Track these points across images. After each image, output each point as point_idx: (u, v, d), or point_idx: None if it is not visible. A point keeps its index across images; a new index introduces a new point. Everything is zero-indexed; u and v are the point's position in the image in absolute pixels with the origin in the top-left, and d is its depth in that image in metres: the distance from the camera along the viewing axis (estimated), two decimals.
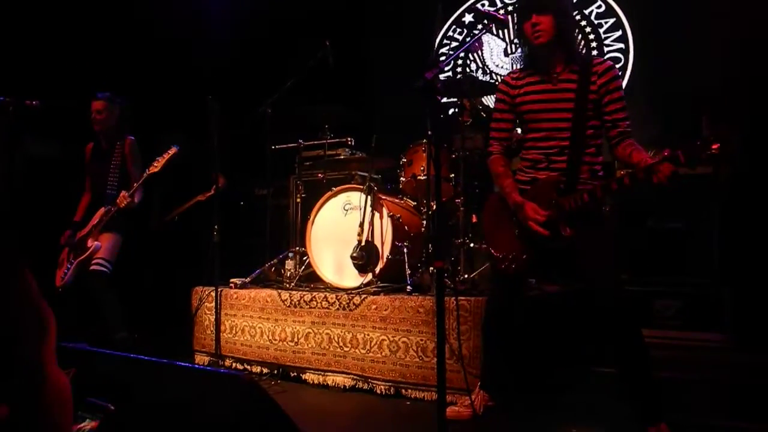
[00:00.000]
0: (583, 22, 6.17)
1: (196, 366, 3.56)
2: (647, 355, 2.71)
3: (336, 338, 3.92)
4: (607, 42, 6.09)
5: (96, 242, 4.40)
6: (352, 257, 4.17)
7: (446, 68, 6.52)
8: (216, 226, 4.26)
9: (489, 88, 4.83)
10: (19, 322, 0.65)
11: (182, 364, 2.00)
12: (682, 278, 4.48)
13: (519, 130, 3.27)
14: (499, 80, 3.19)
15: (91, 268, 4.40)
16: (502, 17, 3.03)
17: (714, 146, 2.38)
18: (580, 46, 6.06)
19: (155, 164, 4.51)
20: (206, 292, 4.54)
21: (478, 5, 6.69)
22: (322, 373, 3.97)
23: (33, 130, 5.15)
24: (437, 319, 2.23)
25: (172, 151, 4.58)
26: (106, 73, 5.83)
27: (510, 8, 6.41)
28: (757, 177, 4.68)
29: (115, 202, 4.44)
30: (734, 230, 4.54)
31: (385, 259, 4.21)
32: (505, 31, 6.48)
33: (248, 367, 4.33)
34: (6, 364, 0.63)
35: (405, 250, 4.20)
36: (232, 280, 4.62)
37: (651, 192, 4.57)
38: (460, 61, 6.74)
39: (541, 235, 2.82)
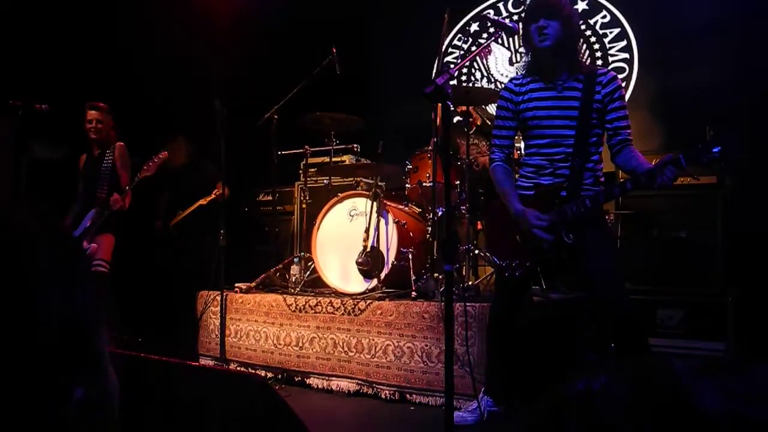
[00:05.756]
0: (588, 32, 6.21)
1: (207, 366, 3.58)
2: None
3: (341, 343, 3.93)
4: (611, 52, 6.13)
5: (92, 244, 4.49)
6: (357, 263, 4.19)
7: (455, 74, 6.57)
8: (222, 231, 4.28)
9: (494, 97, 4.86)
10: (92, 310, 0.73)
11: (193, 363, 2.01)
12: (685, 287, 4.49)
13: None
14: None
15: (92, 269, 4.46)
16: (511, 25, 3.05)
17: (715, 149, 2.42)
18: (584, 57, 6.09)
19: (146, 168, 4.67)
20: (212, 296, 4.56)
21: (484, 14, 6.73)
22: (327, 378, 3.98)
23: (40, 133, 5.20)
24: (445, 323, 2.25)
25: (163, 155, 4.73)
26: (112, 77, 5.87)
27: (516, 17, 6.44)
28: (762, 186, 4.70)
29: (107, 205, 4.57)
30: (738, 240, 4.56)
31: (390, 265, 4.23)
32: (511, 40, 6.52)
33: (253, 371, 4.34)
34: (81, 349, 0.71)
35: (410, 256, 4.22)
36: (237, 284, 4.64)
37: (656, 201, 4.62)
38: (465, 70, 6.78)
39: (544, 241, 2.83)
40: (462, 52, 6.82)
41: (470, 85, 6.58)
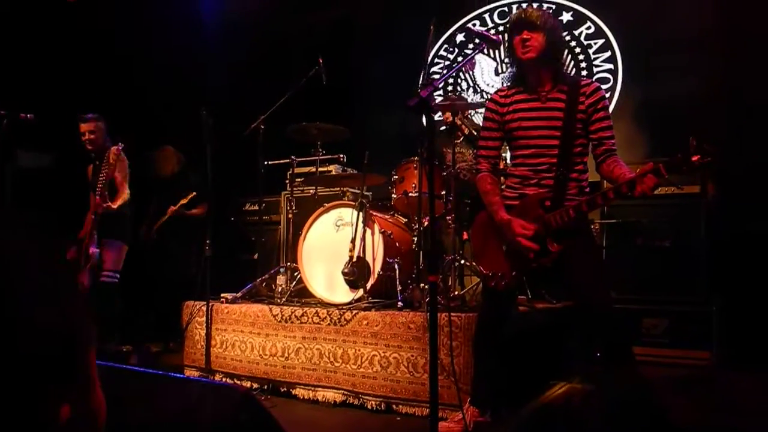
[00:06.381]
0: (573, 43, 6.26)
1: (192, 377, 3.55)
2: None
3: (327, 353, 3.92)
4: (596, 63, 6.18)
5: (95, 249, 4.55)
6: (343, 273, 4.18)
7: (440, 87, 6.58)
8: (208, 240, 4.26)
9: (480, 107, 4.90)
10: (81, 327, 0.72)
11: (177, 375, 2.00)
12: (670, 296, 4.52)
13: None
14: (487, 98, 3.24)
15: (101, 280, 4.63)
16: (494, 38, 3.08)
17: (694, 158, 2.45)
18: (568, 68, 6.14)
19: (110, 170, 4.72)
20: (197, 307, 4.52)
21: (470, 25, 6.77)
22: (313, 389, 3.96)
23: (25, 142, 5.18)
24: (430, 333, 2.25)
25: (117, 149, 4.71)
26: (100, 87, 5.85)
27: (501, 29, 6.48)
28: (745, 196, 4.75)
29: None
30: (722, 249, 4.59)
31: (376, 275, 4.22)
32: (497, 51, 6.56)
33: (238, 382, 4.31)
34: (69, 367, 0.70)
35: (396, 266, 4.21)
36: (223, 294, 4.61)
37: (640, 211, 4.65)
38: (451, 80, 6.81)
39: (529, 250, 2.85)
40: (448, 63, 6.85)
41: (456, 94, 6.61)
